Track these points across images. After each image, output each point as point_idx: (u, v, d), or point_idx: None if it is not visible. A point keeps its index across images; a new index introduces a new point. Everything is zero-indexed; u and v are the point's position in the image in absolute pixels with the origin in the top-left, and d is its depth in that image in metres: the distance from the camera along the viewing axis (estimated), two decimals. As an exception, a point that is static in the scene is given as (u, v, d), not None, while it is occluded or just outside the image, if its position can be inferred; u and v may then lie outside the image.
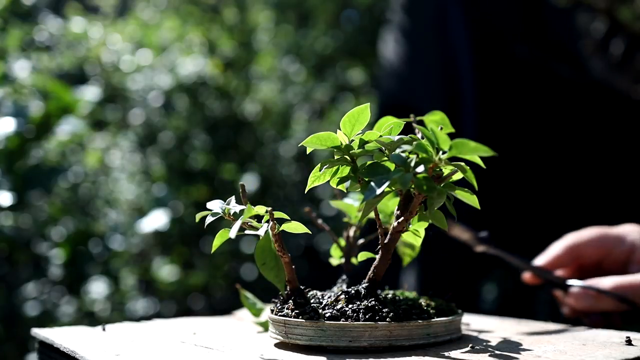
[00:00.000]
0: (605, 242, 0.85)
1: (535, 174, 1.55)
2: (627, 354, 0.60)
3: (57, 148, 1.88)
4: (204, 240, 2.33)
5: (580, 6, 1.46)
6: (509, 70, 1.53)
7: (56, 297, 1.90)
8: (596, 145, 1.52)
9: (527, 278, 0.89)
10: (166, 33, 2.47)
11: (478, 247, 0.87)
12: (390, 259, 0.67)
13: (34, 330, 0.77)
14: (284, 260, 0.65)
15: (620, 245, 0.85)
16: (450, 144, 0.57)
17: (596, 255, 0.86)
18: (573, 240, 0.87)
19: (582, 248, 0.86)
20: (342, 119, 0.65)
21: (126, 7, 2.90)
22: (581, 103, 1.52)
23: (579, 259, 0.87)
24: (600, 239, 0.86)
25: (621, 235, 0.85)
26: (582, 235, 0.88)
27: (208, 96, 2.45)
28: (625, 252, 0.84)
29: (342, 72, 2.95)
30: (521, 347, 0.64)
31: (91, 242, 1.85)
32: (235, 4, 2.79)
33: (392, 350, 0.62)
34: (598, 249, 0.86)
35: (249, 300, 0.84)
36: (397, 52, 1.61)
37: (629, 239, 0.84)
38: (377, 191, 0.58)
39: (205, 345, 0.68)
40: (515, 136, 1.53)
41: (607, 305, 0.80)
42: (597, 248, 0.86)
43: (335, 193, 0.80)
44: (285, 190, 2.58)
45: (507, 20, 1.57)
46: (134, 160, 2.40)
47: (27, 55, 1.87)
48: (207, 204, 0.67)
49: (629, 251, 0.84)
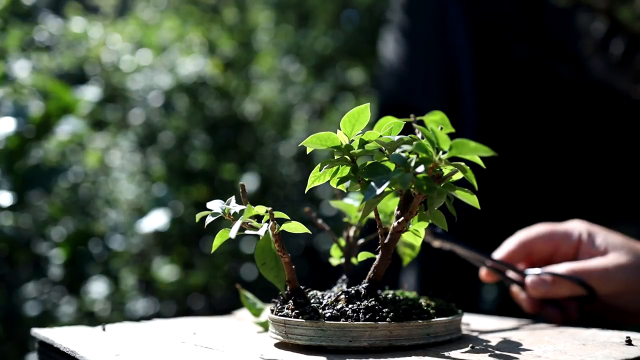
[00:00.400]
0: (554, 237, 0.89)
1: (535, 174, 1.55)
2: (627, 354, 0.60)
3: (57, 148, 1.88)
4: (204, 240, 2.33)
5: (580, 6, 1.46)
6: (509, 70, 1.53)
7: (56, 297, 1.90)
8: (596, 145, 1.52)
9: (483, 275, 0.91)
10: (166, 33, 2.47)
11: (434, 243, 0.89)
12: (390, 259, 0.67)
13: (34, 330, 0.77)
14: (284, 260, 0.65)
15: (568, 239, 0.88)
16: (450, 144, 0.57)
17: (546, 250, 0.90)
18: (524, 236, 0.91)
19: (532, 243, 0.90)
20: (342, 119, 0.65)
21: (126, 7, 2.90)
22: (581, 103, 1.52)
23: (530, 255, 0.91)
24: (550, 234, 0.89)
25: (568, 231, 0.89)
26: (532, 231, 0.91)
27: (208, 96, 2.45)
28: (573, 246, 0.88)
29: (342, 72, 2.95)
30: (521, 347, 0.64)
31: (91, 242, 1.85)
32: (235, 4, 2.79)
33: (392, 350, 0.62)
34: (547, 244, 0.89)
35: (249, 300, 0.84)
36: (397, 52, 1.61)
37: (575, 234, 0.88)
38: (377, 191, 0.58)
39: (205, 345, 0.68)
40: (515, 136, 1.53)
41: (562, 290, 0.83)
42: (547, 243, 0.89)
43: (335, 193, 0.80)
44: (285, 190, 2.58)
45: (507, 20, 1.57)
46: (134, 160, 2.40)
47: (27, 55, 1.87)
48: (207, 204, 0.67)
49: (577, 245, 0.87)
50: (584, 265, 0.83)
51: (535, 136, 1.54)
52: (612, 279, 0.82)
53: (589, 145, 1.52)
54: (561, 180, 1.54)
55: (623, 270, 0.82)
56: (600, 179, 1.53)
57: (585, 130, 1.52)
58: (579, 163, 1.53)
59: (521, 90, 1.54)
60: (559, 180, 1.54)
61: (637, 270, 0.82)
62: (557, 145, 1.53)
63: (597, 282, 0.82)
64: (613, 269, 0.82)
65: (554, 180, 1.54)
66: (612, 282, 0.82)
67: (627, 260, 0.83)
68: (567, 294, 0.84)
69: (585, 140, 1.52)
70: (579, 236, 0.87)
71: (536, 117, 1.53)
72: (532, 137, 1.54)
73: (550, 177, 1.54)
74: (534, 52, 1.53)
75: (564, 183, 1.54)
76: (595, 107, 1.52)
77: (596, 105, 1.51)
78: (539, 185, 1.55)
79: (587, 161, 1.53)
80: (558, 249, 0.89)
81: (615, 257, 0.83)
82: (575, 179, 1.53)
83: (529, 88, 1.53)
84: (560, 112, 1.52)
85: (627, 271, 0.82)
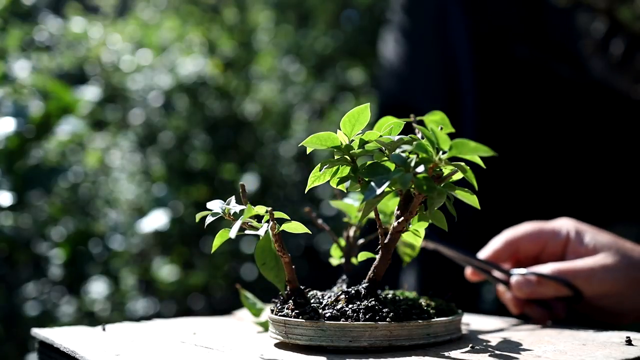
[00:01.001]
0: (541, 235, 0.88)
1: (535, 174, 1.55)
2: (627, 354, 0.60)
3: (57, 148, 1.88)
4: (204, 240, 2.33)
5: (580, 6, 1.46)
6: (509, 70, 1.53)
7: (56, 297, 1.90)
8: (596, 145, 1.52)
9: (468, 274, 0.91)
10: (166, 33, 2.47)
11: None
12: (390, 259, 0.67)
13: (34, 330, 0.77)
14: (284, 260, 0.65)
15: (555, 238, 0.87)
16: (450, 144, 0.57)
17: (533, 249, 0.88)
18: (511, 234, 0.90)
19: (519, 242, 0.89)
20: (342, 119, 0.65)
21: (126, 7, 2.90)
22: (581, 103, 1.52)
23: (516, 253, 0.90)
24: (537, 233, 0.88)
25: (556, 229, 0.87)
26: (518, 230, 0.90)
27: (208, 96, 2.45)
28: (560, 245, 0.86)
29: (342, 72, 2.95)
30: (521, 347, 0.64)
31: (91, 242, 1.85)
32: (235, 4, 2.79)
33: (392, 350, 0.62)
34: (534, 243, 0.88)
35: (249, 300, 0.84)
36: (397, 52, 1.61)
37: (563, 232, 0.86)
38: (377, 191, 0.58)
39: (205, 345, 0.68)
40: (515, 136, 1.53)
41: (547, 290, 0.82)
42: (534, 242, 0.88)
43: (335, 193, 0.80)
44: (285, 190, 2.58)
45: (508, 20, 1.57)
46: (134, 160, 2.41)
47: (27, 55, 1.87)
48: (207, 204, 0.66)
49: (564, 244, 0.86)
50: (569, 266, 0.82)
51: (535, 136, 1.54)
52: (598, 280, 0.81)
53: (588, 145, 1.52)
54: (561, 180, 1.54)
55: (610, 271, 0.81)
56: (600, 179, 1.53)
57: (585, 130, 1.52)
58: (578, 163, 1.53)
59: (521, 90, 1.54)
60: (558, 180, 1.54)
61: (624, 272, 0.81)
62: (557, 145, 1.53)
63: (582, 283, 0.81)
64: (599, 270, 0.81)
65: (554, 180, 1.54)
66: (598, 283, 0.81)
67: (614, 261, 0.81)
68: (553, 294, 0.83)
69: (585, 140, 1.52)
70: (567, 235, 0.86)
71: (536, 117, 1.53)
72: (532, 137, 1.54)
73: (550, 177, 1.54)
74: (534, 52, 1.53)
75: (564, 183, 1.54)
76: (595, 107, 1.52)
77: (596, 105, 1.51)
78: (539, 185, 1.55)
79: (587, 161, 1.53)
80: (545, 248, 0.87)
81: (602, 258, 0.82)
82: (575, 179, 1.53)
83: (529, 88, 1.53)
84: (560, 112, 1.52)
85: (614, 272, 0.81)
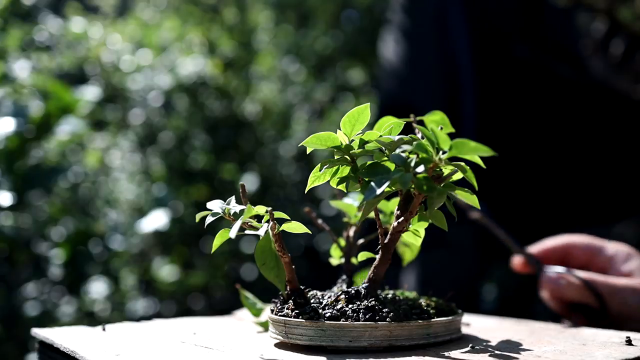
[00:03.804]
0: (593, 248, 0.90)
1: (535, 173, 1.55)
2: (627, 354, 0.60)
3: (57, 148, 1.88)
4: (204, 240, 2.33)
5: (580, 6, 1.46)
6: (509, 70, 1.53)
7: (56, 297, 1.90)
8: (596, 145, 1.52)
9: (517, 264, 0.92)
10: (166, 33, 2.47)
11: (472, 214, 0.90)
12: (390, 259, 0.67)
13: (34, 330, 0.77)
14: (284, 260, 0.65)
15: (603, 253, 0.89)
16: (450, 144, 0.57)
17: (582, 258, 0.91)
18: (568, 239, 0.92)
19: (573, 248, 0.91)
20: (342, 119, 0.65)
21: (126, 7, 2.90)
22: (581, 103, 1.52)
23: (566, 258, 0.91)
24: (589, 244, 0.91)
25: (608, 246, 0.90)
26: (575, 237, 0.92)
27: (208, 96, 2.45)
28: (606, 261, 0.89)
29: (342, 72, 2.95)
30: (521, 347, 0.64)
31: (91, 242, 1.85)
32: (235, 4, 2.79)
33: (392, 350, 0.62)
34: (585, 252, 0.90)
35: (249, 300, 0.84)
36: (397, 52, 1.61)
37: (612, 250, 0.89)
38: (377, 191, 0.58)
39: (205, 345, 0.68)
40: (515, 136, 1.53)
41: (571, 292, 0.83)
42: (585, 251, 0.91)
43: (335, 193, 0.80)
44: (285, 190, 2.58)
45: (507, 20, 1.57)
46: (134, 160, 2.41)
47: (27, 55, 1.87)
48: (207, 204, 0.66)
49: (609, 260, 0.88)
50: (603, 278, 0.83)
51: (535, 136, 1.54)
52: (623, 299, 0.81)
53: (588, 145, 1.52)
54: (561, 180, 1.54)
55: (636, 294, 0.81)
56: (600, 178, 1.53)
57: (585, 130, 1.52)
58: (578, 162, 1.53)
59: (521, 90, 1.54)
60: (558, 179, 1.54)
61: None
62: (557, 145, 1.53)
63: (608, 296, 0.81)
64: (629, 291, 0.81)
65: (554, 179, 1.54)
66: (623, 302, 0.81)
67: None
68: (577, 298, 0.83)
69: (585, 140, 1.52)
70: (615, 253, 0.88)
71: (536, 116, 1.54)
72: (532, 137, 1.54)
73: (550, 177, 1.54)
74: (534, 52, 1.53)
75: (564, 182, 1.54)
76: (595, 107, 1.52)
77: (596, 105, 1.51)
78: (539, 185, 1.55)
79: (587, 161, 1.53)
80: (593, 260, 0.89)
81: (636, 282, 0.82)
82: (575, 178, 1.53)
83: (529, 88, 1.53)
84: (560, 111, 1.52)
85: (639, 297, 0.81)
